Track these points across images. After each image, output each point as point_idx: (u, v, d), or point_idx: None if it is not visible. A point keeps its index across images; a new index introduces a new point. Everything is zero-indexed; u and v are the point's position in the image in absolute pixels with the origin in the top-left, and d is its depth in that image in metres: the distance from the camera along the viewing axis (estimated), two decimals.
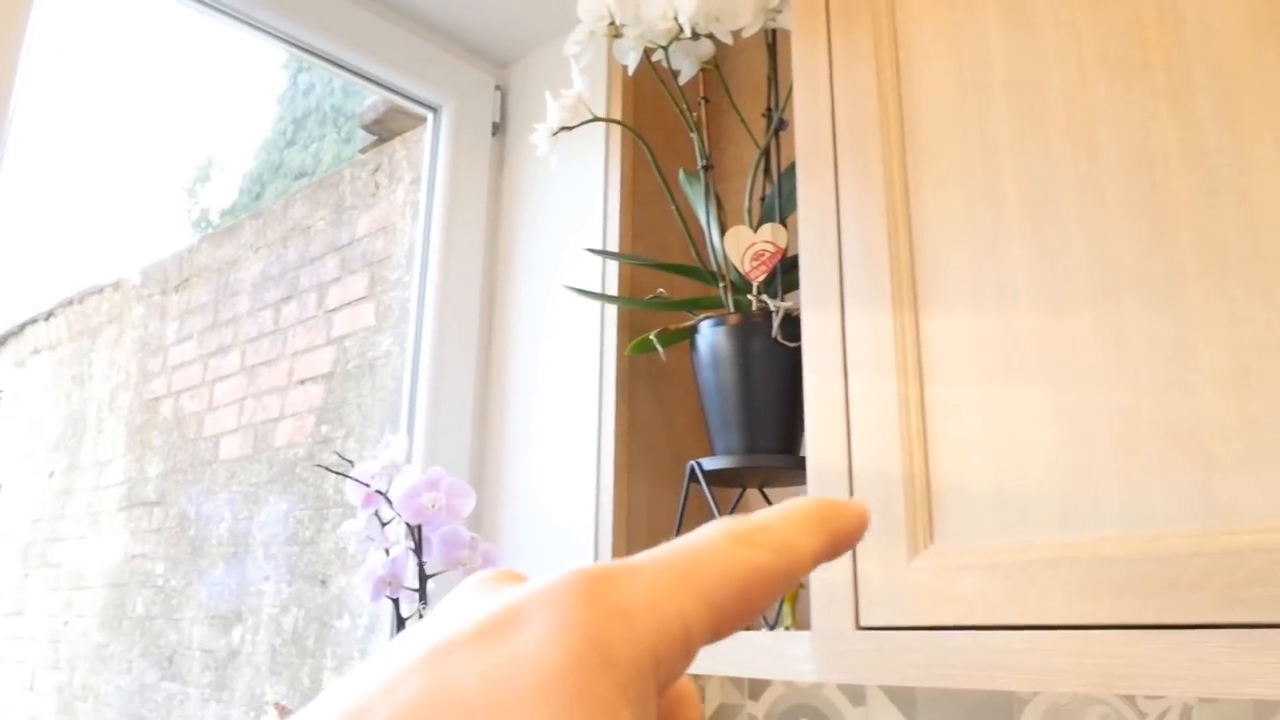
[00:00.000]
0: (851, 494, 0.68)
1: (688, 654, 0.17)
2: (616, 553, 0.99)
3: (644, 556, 0.18)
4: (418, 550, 0.89)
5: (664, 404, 1.08)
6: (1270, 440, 0.52)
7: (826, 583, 0.68)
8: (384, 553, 0.90)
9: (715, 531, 0.19)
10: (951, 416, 0.65)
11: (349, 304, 1.86)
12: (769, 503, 0.98)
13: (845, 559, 0.67)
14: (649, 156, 0.96)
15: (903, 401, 0.67)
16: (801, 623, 0.86)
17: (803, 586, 0.81)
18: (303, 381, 1.94)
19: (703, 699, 1.10)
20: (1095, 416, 0.59)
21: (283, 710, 1.30)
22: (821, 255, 0.74)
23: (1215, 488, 0.54)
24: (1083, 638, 0.56)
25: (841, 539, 0.21)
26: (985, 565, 0.61)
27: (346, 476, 0.88)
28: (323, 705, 0.16)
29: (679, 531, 0.92)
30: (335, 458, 0.93)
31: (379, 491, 0.88)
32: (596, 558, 1.00)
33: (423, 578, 0.90)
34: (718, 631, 0.18)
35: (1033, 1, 0.67)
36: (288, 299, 2.03)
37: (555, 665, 0.15)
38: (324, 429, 1.85)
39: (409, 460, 1.08)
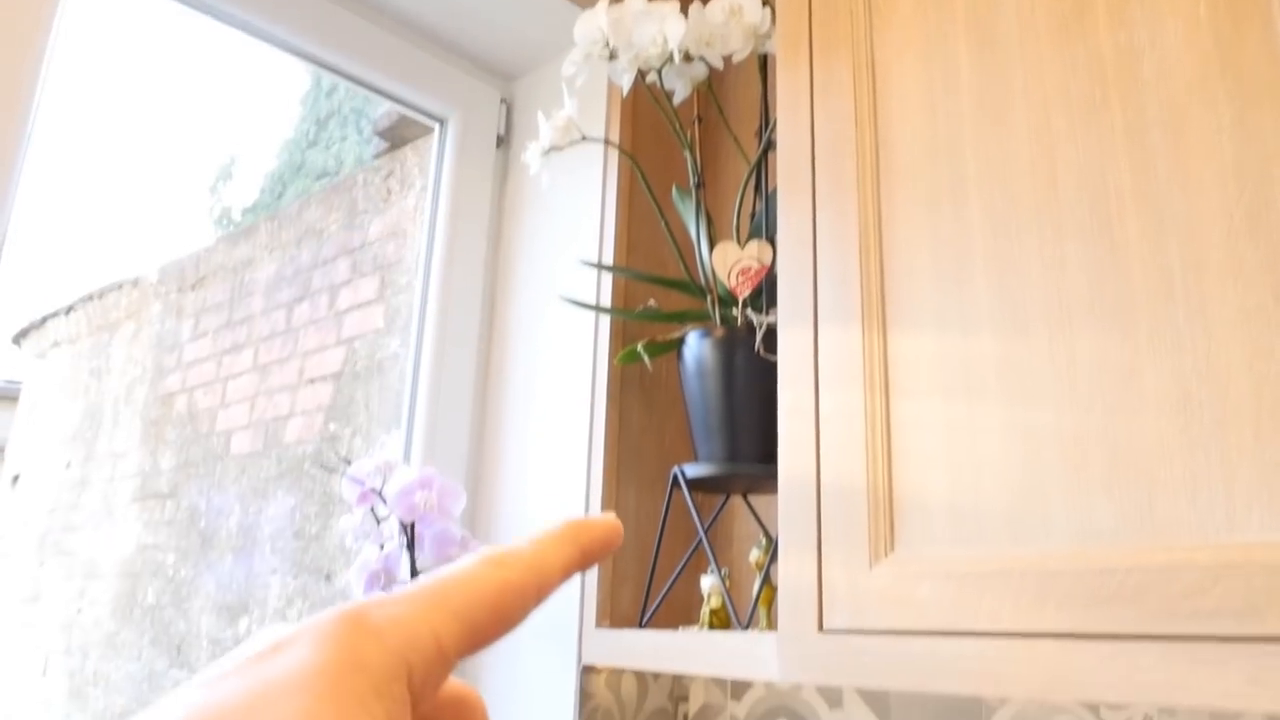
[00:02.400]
0: (819, 503, 0.71)
1: (443, 663, 0.20)
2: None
3: (405, 588, 0.21)
4: (410, 547, 0.93)
5: (654, 411, 1.11)
6: (1205, 463, 0.55)
7: (792, 587, 0.71)
8: (378, 548, 0.93)
9: (473, 558, 0.22)
10: (914, 432, 0.68)
11: (359, 306, 1.91)
12: (752, 510, 1.01)
13: (811, 565, 0.70)
14: (640, 177, 1.00)
15: (869, 416, 0.70)
16: (775, 625, 0.89)
17: (775, 590, 0.84)
18: (313, 381, 1.99)
19: (687, 699, 1.13)
20: (1047, 436, 0.62)
21: None
22: (798, 274, 0.78)
23: (1155, 506, 0.57)
24: (1029, 645, 0.59)
25: (591, 549, 0.24)
26: (941, 574, 0.64)
27: (343, 475, 0.91)
28: None
29: (662, 535, 0.95)
30: (336, 457, 0.97)
31: (374, 490, 0.92)
32: None
33: (414, 573, 0.93)
34: (474, 642, 0.21)
35: (1001, 37, 0.70)
36: (300, 300, 2.07)
37: (312, 669, 0.18)
38: (332, 427, 1.90)
39: (407, 460, 1.12)
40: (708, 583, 0.94)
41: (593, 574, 1.02)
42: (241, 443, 2.13)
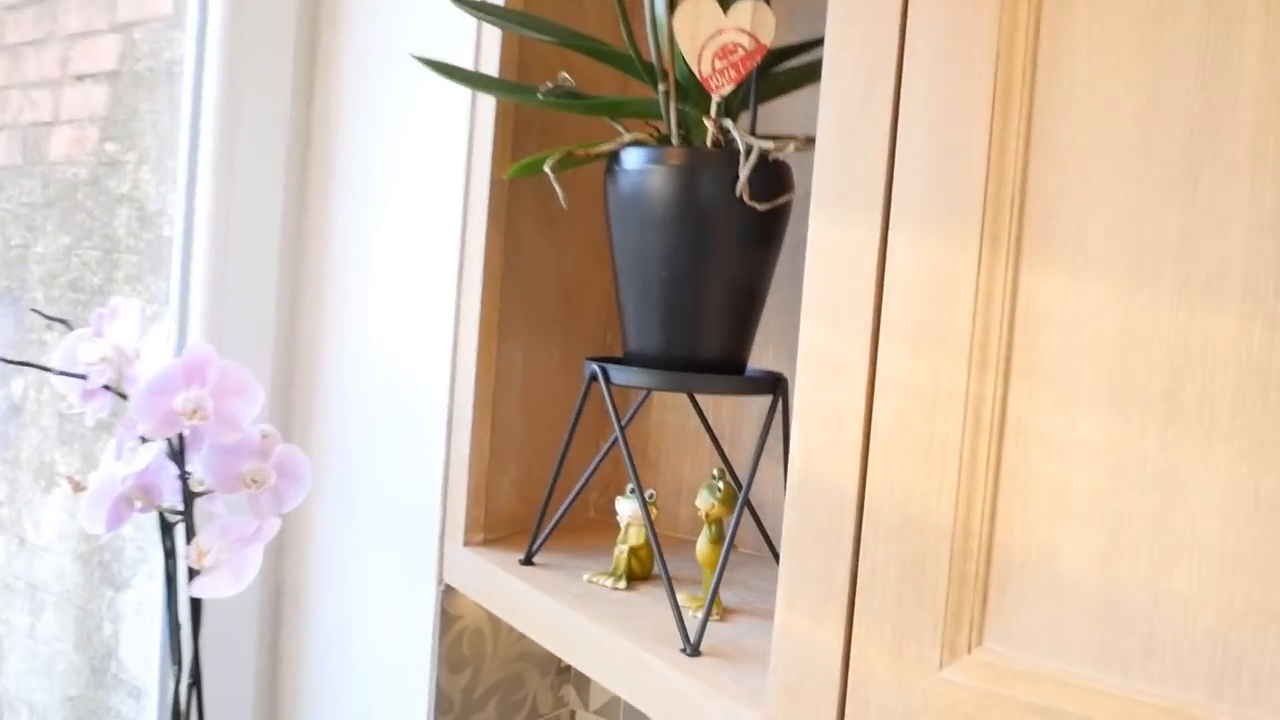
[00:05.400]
0: (859, 535, 0.42)
1: None
2: (478, 432, 0.72)
3: None
4: (179, 457, 0.60)
5: (554, 226, 0.77)
6: None
7: (796, 654, 0.44)
8: (121, 462, 0.60)
9: None
10: (1052, 447, 0.38)
11: None
12: (697, 408, 0.72)
13: (835, 633, 0.43)
14: None
15: (973, 402, 0.40)
16: (727, 613, 0.63)
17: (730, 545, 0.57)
18: (80, 78, 1.49)
19: None
20: None
21: (76, 485, 1.02)
22: (857, 108, 0.43)
23: None
24: None
25: None
26: (1071, 713, 0.37)
27: (47, 370, 0.56)
28: None
29: (571, 437, 0.66)
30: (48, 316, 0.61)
31: (106, 386, 0.57)
32: (450, 436, 0.74)
33: (188, 497, 0.61)
34: None
35: None
36: None
37: None
38: (109, 147, 1.44)
39: (185, 302, 0.76)
40: (625, 509, 0.66)
41: (460, 457, 0.73)
42: None
